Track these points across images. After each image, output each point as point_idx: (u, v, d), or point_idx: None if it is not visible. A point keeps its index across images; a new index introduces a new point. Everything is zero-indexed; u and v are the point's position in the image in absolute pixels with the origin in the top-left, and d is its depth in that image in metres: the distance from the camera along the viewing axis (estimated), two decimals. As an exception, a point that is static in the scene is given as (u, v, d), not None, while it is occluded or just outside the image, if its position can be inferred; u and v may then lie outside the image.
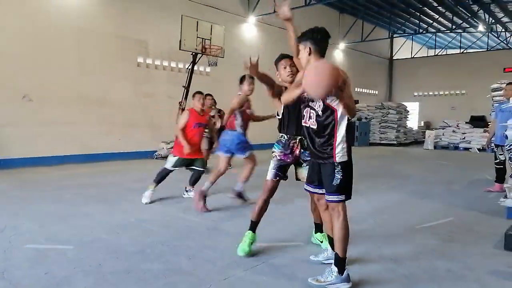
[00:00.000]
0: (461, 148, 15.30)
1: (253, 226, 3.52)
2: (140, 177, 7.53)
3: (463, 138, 15.57)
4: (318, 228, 3.76)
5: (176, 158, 5.51)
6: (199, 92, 6.04)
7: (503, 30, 20.25)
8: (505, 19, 18.90)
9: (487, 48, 22.32)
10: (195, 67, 10.91)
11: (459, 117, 17.40)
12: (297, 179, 3.80)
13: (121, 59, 10.47)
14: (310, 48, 3.19)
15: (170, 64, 11.66)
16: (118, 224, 4.31)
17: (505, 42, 21.45)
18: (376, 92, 22.14)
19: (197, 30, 10.13)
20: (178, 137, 5.55)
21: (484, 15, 17.44)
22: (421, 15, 18.95)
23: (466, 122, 16.29)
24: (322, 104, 2.86)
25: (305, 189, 3.27)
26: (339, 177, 2.83)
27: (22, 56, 8.66)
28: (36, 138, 8.87)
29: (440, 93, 21.96)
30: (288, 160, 3.58)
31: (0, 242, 3.63)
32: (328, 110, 2.85)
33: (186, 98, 10.61)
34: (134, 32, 10.71)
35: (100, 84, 10.02)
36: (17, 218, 4.46)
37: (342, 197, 2.91)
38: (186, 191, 5.88)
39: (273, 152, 3.64)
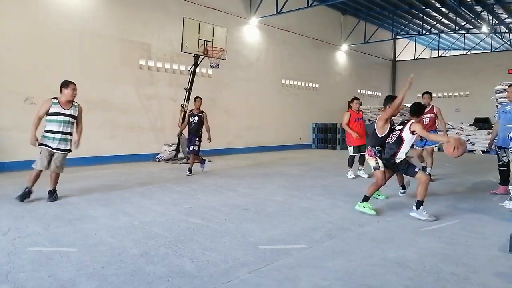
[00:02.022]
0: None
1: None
2: (143, 180, 7.55)
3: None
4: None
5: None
6: None
7: (507, 31, 20.20)
8: (509, 20, 18.85)
9: (491, 49, 22.27)
10: (197, 69, 10.94)
11: (463, 119, 17.34)
12: None
13: (124, 62, 10.50)
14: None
15: (172, 66, 11.69)
16: (121, 226, 4.31)
17: (509, 43, 21.40)
18: (379, 94, 22.07)
19: (199, 32, 10.17)
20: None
21: (488, 16, 17.39)
22: (424, 16, 18.93)
23: (470, 124, 16.23)
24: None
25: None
26: None
27: (25, 59, 8.70)
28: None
29: (444, 94, 21.86)
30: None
31: (4, 245, 3.64)
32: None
33: (188, 100, 10.63)
34: (136, 35, 10.74)
35: (102, 86, 10.06)
36: (21, 221, 4.48)
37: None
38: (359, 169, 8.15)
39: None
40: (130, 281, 2.92)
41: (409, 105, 6.20)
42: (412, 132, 5.02)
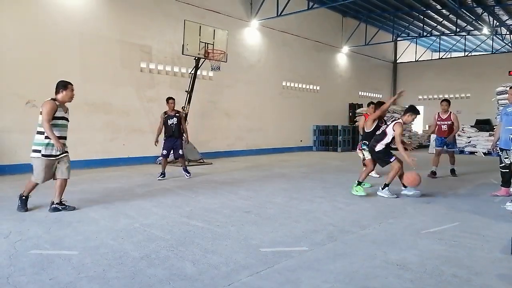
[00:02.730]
0: (467, 152, 15.22)
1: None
2: (144, 182, 7.55)
3: (469, 142, 15.48)
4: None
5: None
6: None
7: (508, 33, 20.20)
8: (510, 22, 18.85)
9: (492, 51, 22.26)
10: (198, 72, 10.95)
11: (464, 121, 17.26)
12: None
13: (124, 64, 10.52)
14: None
15: (173, 69, 11.71)
16: (122, 229, 4.31)
17: (510, 45, 21.39)
18: (380, 96, 22.07)
19: (200, 35, 10.18)
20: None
21: (489, 18, 17.40)
22: (425, 18, 18.94)
23: (471, 126, 16.21)
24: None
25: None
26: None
27: (26, 61, 8.73)
28: (41, 144, 8.92)
29: (445, 96, 21.85)
30: None
31: (5, 248, 3.64)
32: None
33: (189, 102, 10.64)
34: (137, 38, 10.77)
35: (103, 89, 10.08)
36: (22, 224, 4.48)
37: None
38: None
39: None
40: (131, 284, 2.92)
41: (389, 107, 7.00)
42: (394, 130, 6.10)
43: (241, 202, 5.87)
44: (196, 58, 10.39)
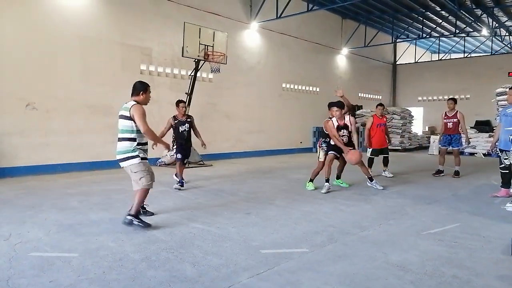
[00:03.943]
0: (466, 153, 15.21)
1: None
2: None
3: (468, 143, 15.47)
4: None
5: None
6: None
7: (507, 34, 20.22)
8: (509, 23, 18.88)
9: (491, 52, 22.28)
10: (198, 74, 10.96)
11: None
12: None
13: (124, 67, 10.53)
14: None
15: (173, 71, 11.72)
16: (123, 231, 4.31)
17: (509, 46, 21.41)
18: (380, 97, 22.09)
19: (199, 37, 10.19)
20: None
21: (488, 19, 17.42)
22: (424, 20, 18.96)
23: (471, 127, 16.21)
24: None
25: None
26: None
27: (26, 64, 8.73)
28: (42, 147, 8.93)
29: (445, 97, 21.75)
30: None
31: (5, 250, 3.64)
32: None
33: (189, 104, 10.64)
34: (137, 40, 10.78)
35: (104, 92, 10.07)
36: (23, 226, 4.48)
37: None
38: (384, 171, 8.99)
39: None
40: (131, 286, 2.92)
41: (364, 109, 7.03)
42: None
43: (242, 203, 5.87)
44: (196, 60, 10.40)
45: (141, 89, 4.71)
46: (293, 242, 4.01)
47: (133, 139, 4.46)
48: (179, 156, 7.14)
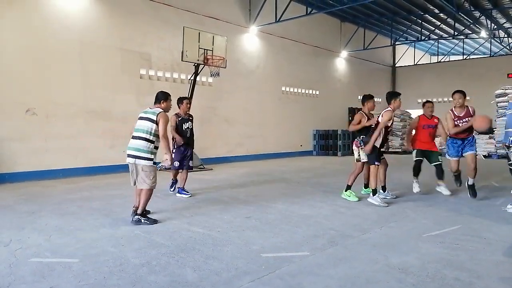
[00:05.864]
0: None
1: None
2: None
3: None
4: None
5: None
6: None
7: (506, 35, 20.26)
8: (508, 25, 18.92)
9: (490, 54, 22.31)
10: (198, 78, 10.97)
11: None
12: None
13: (124, 72, 10.55)
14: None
15: (172, 75, 11.74)
16: (123, 236, 4.30)
17: (508, 48, 21.45)
18: (380, 100, 22.06)
19: (199, 41, 10.20)
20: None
21: (486, 21, 17.46)
22: (423, 22, 19.01)
23: (471, 129, 16.18)
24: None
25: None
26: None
27: (26, 70, 8.75)
28: (41, 152, 8.93)
29: (444, 99, 21.87)
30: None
31: (5, 256, 3.63)
32: None
33: (189, 108, 10.63)
34: (136, 45, 10.80)
35: (103, 96, 10.09)
36: (23, 232, 4.47)
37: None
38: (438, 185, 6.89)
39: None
40: (132, 291, 2.91)
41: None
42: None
43: (242, 207, 5.86)
44: (196, 64, 10.41)
45: (162, 98, 5.31)
46: (293, 246, 4.00)
47: (151, 141, 5.05)
48: (176, 164, 6.83)
